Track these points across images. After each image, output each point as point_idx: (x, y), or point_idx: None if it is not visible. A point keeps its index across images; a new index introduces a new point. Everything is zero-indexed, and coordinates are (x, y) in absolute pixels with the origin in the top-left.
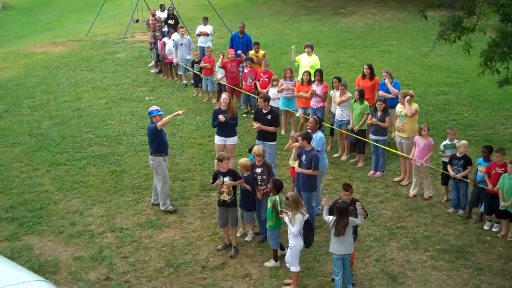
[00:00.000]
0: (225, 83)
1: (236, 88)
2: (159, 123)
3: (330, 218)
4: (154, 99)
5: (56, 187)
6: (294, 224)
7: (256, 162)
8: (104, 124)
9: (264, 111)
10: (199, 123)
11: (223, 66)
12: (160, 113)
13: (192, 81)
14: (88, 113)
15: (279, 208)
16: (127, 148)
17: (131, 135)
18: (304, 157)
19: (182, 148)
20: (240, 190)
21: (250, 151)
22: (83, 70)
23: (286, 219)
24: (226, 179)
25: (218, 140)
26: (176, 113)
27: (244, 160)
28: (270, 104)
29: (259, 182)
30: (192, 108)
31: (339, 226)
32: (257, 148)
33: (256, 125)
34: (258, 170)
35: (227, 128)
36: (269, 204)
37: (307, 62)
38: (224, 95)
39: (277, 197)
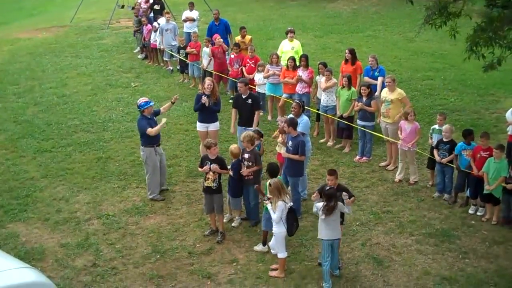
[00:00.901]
0: (212, 70)
1: (223, 75)
2: (149, 131)
3: (319, 205)
4: (140, 85)
5: (41, 174)
6: (275, 211)
7: (246, 148)
8: (89, 110)
9: (244, 96)
10: (185, 109)
11: (211, 53)
12: (150, 104)
13: (178, 67)
14: (74, 99)
15: (268, 193)
16: (113, 135)
17: (117, 121)
18: (290, 143)
19: (168, 134)
20: (229, 177)
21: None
22: (68, 56)
23: (269, 206)
24: (214, 165)
25: (200, 126)
26: (163, 122)
27: (234, 148)
28: (257, 89)
29: (246, 167)
30: (178, 94)
31: (328, 208)
32: (246, 134)
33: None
34: (246, 155)
35: (208, 114)
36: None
37: (289, 47)
38: (207, 80)
39: (267, 183)
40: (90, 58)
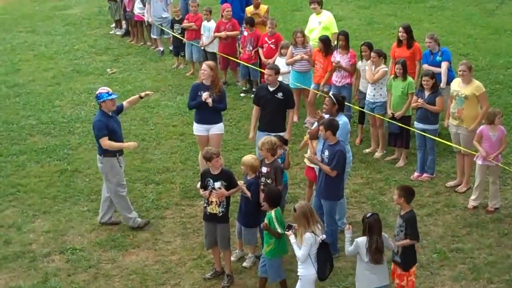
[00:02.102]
0: (216, 51)
1: (232, 58)
2: (105, 143)
3: (360, 241)
4: (118, 72)
5: None
6: (301, 246)
7: (265, 159)
8: (50, 106)
9: (272, 88)
10: (181, 105)
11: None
12: (113, 96)
13: (171, 48)
14: (29, 90)
15: (277, 226)
16: (82, 139)
17: (88, 121)
18: (326, 153)
19: (157, 140)
20: (241, 198)
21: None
22: (22, 31)
23: (292, 239)
24: (218, 184)
25: (198, 129)
26: (130, 147)
27: (250, 158)
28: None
29: (262, 187)
30: (171, 84)
31: (375, 250)
32: (267, 139)
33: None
34: (264, 169)
35: (209, 112)
36: (263, 227)
37: (316, 23)
38: (204, 65)
39: (272, 213)
40: (51, 35)
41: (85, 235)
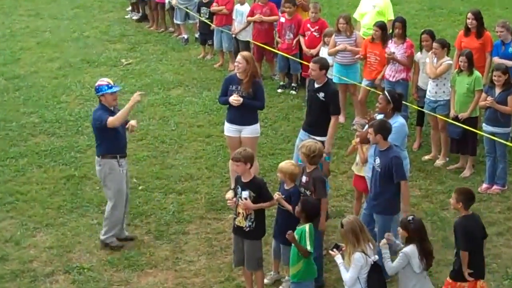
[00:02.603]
0: (249, 39)
1: (268, 48)
2: (111, 120)
3: (410, 250)
4: (134, 63)
5: None
6: (349, 268)
7: (305, 167)
8: (55, 101)
9: (317, 85)
10: (207, 101)
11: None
12: (114, 89)
13: (197, 35)
14: (31, 83)
15: (308, 243)
16: (92, 141)
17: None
18: (377, 160)
19: (179, 142)
20: (277, 211)
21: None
22: (24, 15)
23: (338, 259)
24: (245, 194)
25: (229, 129)
26: (135, 100)
27: (289, 165)
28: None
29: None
30: (196, 78)
31: (430, 254)
32: (310, 144)
33: None
34: (303, 179)
35: (243, 111)
36: (288, 237)
37: (370, 6)
38: (239, 56)
39: (306, 226)
40: (58, 19)
41: (94, 252)
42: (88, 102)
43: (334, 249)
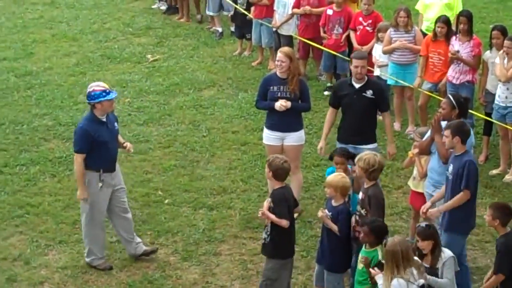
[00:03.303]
0: (292, 34)
1: (315, 44)
2: (79, 160)
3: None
4: (162, 59)
5: None
6: None
7: (364, 182)
8: (71, 102)
9: (358, 85)
10: (244, 104)
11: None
12: (113, 96)
13: (233, 28)
14: (44, 81)
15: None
16: None
17: (122, 122)
18: (451, 167)
19: (211, 150)
20: (322, 232)
21: (331, 158)
22: (37, 3)
23: (380, 280)
24: (267, 201)
25: (269, 137)
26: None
27: (340, 178)
28: (376, 73)
29: (357, 218)
30: (231, 77)
31: None
32: (367, 156)
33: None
34: (360, 196)
35: (286, 116)
36: (360, 263)
37: None
38: (280, 54)
39: (378, 250)
40: (75, 9)
41: (113, 273)
42: None
43: (376, 268)
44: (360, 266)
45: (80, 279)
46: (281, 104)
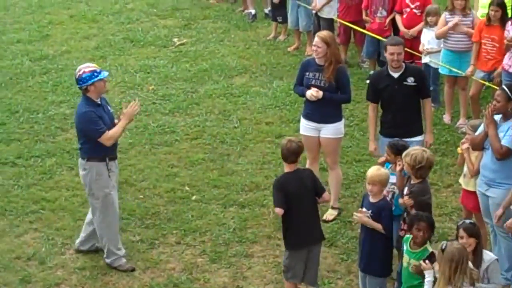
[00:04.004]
0: (333, 17)
1: (357, 28)
2: (107, 138)
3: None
4: (189, 43)
5: None
6: None
7: (412, 177)
8: None
9: (397, 74)
10: (279, 93)
11: None
12: (102, 76)
13: (267, 10)
14: (61, 65)
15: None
16: (135, 138)
17: (146, 111)
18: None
19: (242, 143)
20: (360, 231)
21: (398, 150)
22: None
23: (429, 276)
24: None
25: (305, 128)
26: (131, 114)
27: (382, 172)
28: (424, 61)
29: (406, 217)
30: (265, 63)
31: None
32: (415, 152)
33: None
34: (405, 191)
35: (324, 106)
36: (406, 262)
37: None
38: (317, 38)
39: (428, 247)
40: None
41: (136, 275)
42: (131, 90)
43: (427, 261)
44: (404, 264)
45: (99, 281)
46: (311, 94)
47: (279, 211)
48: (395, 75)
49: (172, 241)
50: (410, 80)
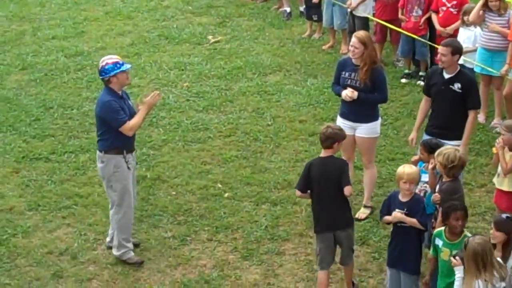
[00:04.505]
0: (368, 15)
1: (393, 27)
2: (129, 128)
3: None
4: (224, 41)
5: (28, 204)
6: None
7: (444, 175)
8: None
9: (448, 75)
10: (313, 92)
11: None
12: (124, 68)
13: (302, 8)
14: (96, 62)
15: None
16: (169, 135)
17: (179, 108)
18: None
19: (276, 141)
20: (393, 231)
21: (431, 149)
22: None
23: (459, 272)
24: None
25: (341, 126)
26: (151, 104)
27: (415, 170)
28: (460, 61)
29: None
30: (299, 61)
31: None
32: (448, 151)
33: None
34: (437, 189)
35: (360, 104)
36: (448, 256)
37: None
38: (354, 39)
39: (467, 233)
40: None
41: (167, 271)
42: (165, 87)
43: (457, 257)
44: (445, 256)
45: (131, 277)
46: (346, 94)
47: (296, 192)
48: (446, 76)
49: (204, 238)
50: (457, 86)
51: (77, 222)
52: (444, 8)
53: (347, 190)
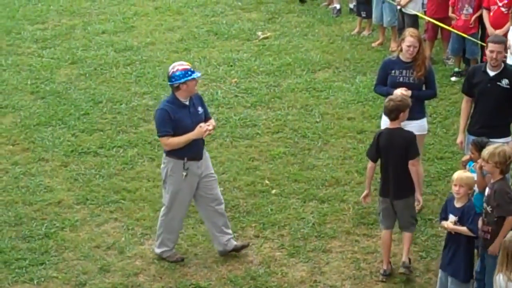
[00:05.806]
0: (417, 13)
1: (443, 25)
2: (169, 142)
3: None
4: (273, 37)
5: (76, 197)
6: None
7: (491, 178)
8: None
9: (493, 73)
10: (362, 89)
11: None
12: (195, 75)
13: (352, 5)
14: (146, 57)
15: None
16: (217, 130)
17: (226, 104)
18: None
19: (324, 138)
20: (447, 233)
21: (483, 148)
22: None
23: (500, 277)
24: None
25: (388, 124)
26: (200, 134)
27: (471, 175)
28: (508, 59)
29: (485, 218)
30: (348, 58)
31: None
32: (500, 150)
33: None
34: (486, 191)
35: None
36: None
37: None
38: (409, 37)
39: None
40: None
41: (214, 267)
42: (214, 83)
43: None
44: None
45: (177, 272)
46: (401, 93)
47: (368, 163)
48: (491, 73)
49: (251, 234)
50: (505, 82)
51: (124, 217)
52: (495, 7)
53: (414, 161)
